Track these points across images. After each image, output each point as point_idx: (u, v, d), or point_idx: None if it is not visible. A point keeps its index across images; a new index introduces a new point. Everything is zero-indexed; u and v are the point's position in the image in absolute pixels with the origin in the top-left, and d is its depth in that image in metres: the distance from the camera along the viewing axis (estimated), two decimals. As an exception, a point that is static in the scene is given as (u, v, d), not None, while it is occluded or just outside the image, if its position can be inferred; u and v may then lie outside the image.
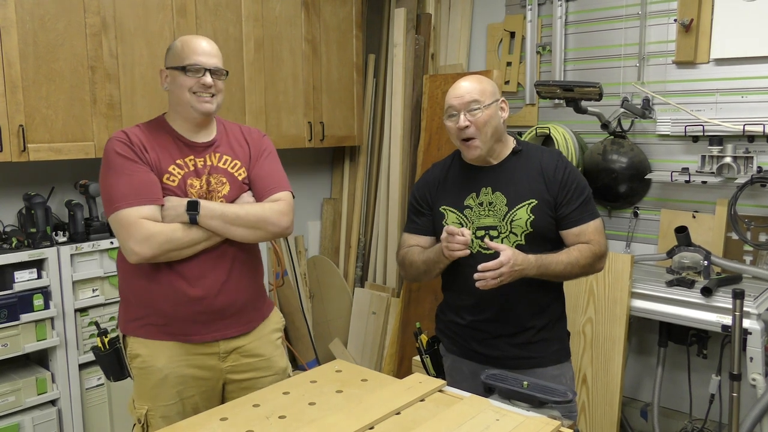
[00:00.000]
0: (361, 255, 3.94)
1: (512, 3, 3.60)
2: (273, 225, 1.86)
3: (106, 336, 1.93)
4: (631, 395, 3.30)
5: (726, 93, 2.91)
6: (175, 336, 1.83)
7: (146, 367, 1.83)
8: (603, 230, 1.93)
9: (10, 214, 2.69)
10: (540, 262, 1.81)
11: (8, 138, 2.34)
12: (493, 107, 1.89)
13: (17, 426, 2.42)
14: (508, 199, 1.89)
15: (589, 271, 1.92)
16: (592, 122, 3.16)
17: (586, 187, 1.93)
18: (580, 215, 1.89)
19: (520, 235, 1.87)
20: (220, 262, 1.84)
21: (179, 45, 1.85)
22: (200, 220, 1.77)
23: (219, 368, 1.88)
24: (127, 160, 1.77)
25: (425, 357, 2.09)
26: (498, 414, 1.45)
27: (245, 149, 1.96)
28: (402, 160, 3.74)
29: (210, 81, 1.82)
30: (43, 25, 2.41)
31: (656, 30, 3.10)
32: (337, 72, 3.61)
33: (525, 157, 1.95)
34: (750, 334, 2.40)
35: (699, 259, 2.74)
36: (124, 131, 1.85)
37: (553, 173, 1.90)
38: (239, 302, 1.89)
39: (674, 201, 3.12)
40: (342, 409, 1.48)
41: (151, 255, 1.73)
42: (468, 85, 1.90)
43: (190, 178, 1.83)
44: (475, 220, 1.91)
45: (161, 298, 1.81)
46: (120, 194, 1.74)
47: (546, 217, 1.88)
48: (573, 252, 1.86)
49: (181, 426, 1.48)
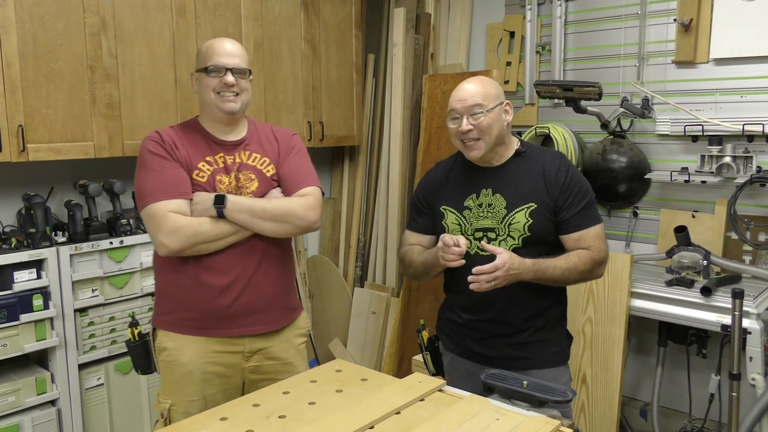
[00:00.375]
0: (361, 255, 3.94)
1: (512, 3, 3.60)
2: (300, 219, 1.88)
3: (136, 328, 1.97)
4: (630, 395, 3.30)
5: (725, 93, 2.91)
6: (202, 330, 1.86)
7: (172, 361, 1.87)
8: (604, 236, 1.91)
9: (9, 214, 2.68)
10: (537, 267, 1.80)
11: (8, 138, 2.33)
12: (496, 110, 1.88)
13: (17, 426, 2.41)
14: (507, 202, 1.88)
15: (588, 277, 1.90)
16: (592, 122, 3.16)
17: (589, 192, 1.91)
18: (581, 220, 1.87)
19: (517, 239, 1.86)
20: (248, 256, 1.87)
21: (204, 48, 1.91)
22: (227, 214, 1.80)
23: (242, 367, 1.90)
24: (158, 157, 1.83)
25: (425, 354, 2.11)
26: (498, 413, 1.45)
27: (275, 147, 2.00)
28: (401, 160, 3.74)
29: (231, 80, 1.86)
30: (43, 25, 2.41)
31: (656, 30, 3.10)
32: (336, 72, 3.61)
33: (527, 159, 1.94)
34: (749, 334, 2.40)
35: (698, 258, 2.74)
36: (158, 131, 1.91)
37: (554, 176, 1.88)
38: (267, 298, 1.91)
39: (674, 201, 3.12)
40: (342, 409, 1.48)
41: (179, 247, 1.77)
42: (471, 87, 1.88)
43: (219, 174, 1.88)
44: (474, 222, 1.91)
45: (189, 291, 1.85)
46: (150, 189, 1.80)
47: (545, 221, 1.86)
48: (572, 257, 1.85)
49: (182, 425, 1.48)
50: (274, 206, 1.86)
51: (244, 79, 1.90)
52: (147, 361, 1.97)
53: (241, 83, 1.89)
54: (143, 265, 2.75)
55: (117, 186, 2.73)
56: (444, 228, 1.96)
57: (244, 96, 1.91)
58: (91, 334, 2.62)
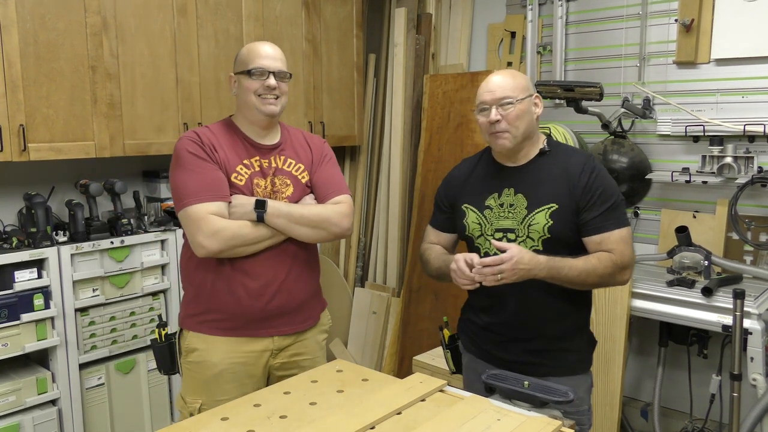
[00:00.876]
0: (362, 255, 3.94)
1: (513, 3, 3.60)
2: (335, 226, 1.93)
3: (164, 329, 2.00)
4: (631, 395, 3.30)
5: (727, 93, 2.91)
6: (233, 331, 1.89)
7: (202, 362, 1.90)
8: (629, 240, 1.83)
9: (10, 213, 2.69)
10: (551, 264, 1.74)
11: (9, 137, 2.34)
12: (526, 102, 1.84)
13: (17, 426, 2.41)
14: (528, 202, 1.84)
15: (609, 281, 1.83)
16: (593, 122, 3.16)
17: (614, 194, 1.83)
18: (603, 222, 1.79)
19: (537, 240, 1.81)
20: (281, 260, 1.90)
21: (245, 51, 1.93)
22: (267, 219, 1.84)
23: (269, 365, 1.95)
24: (198, 158, 1.84)
25: (446, 351, 2.10)
26: (499, 414, 1.45)
27: (308, 153, 2.03)
28: (402, 160, 3.74)
29: (274, 83, 1.89)
30: (44, 24, 2.41)
31: (657, 30, 3.10)
32: (337, 72, 3.61)
33: (552, 158, 1.89)
34: (750, 334, 2.40)
35: (699, 259, 2.74)
36: (195, 131, 1.91)
37: (578, 177, 1.82)
38: (297, 300, 1.95)
39: (675, 201, 3.12)
40: (343, 409, 1.48)
41: (218, 249, 1.80)
42: (500, 79, 1.84)
43: (256, 178, 1.91)
44: (494, 222, 1.87)
45: (222, 293, 1.87)
46: (190, 191, 1.81)
47: (566, 222, 1.80)
48: (591, 259, 1.78)
49: (183, 425, 1.47)
50: (311, 212, 1.91)
51: (284, 83, 1.93)
52: (171, 362, 2.00)
53: (282, 87, 1.92)
54: (144, 265, 2.75)
55: (118, 186, 2.73)
56: (465, 227, 1.92)
57: (284, 99, 1.94)
58: (92, 333, 2.62)
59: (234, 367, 1.89)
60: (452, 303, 3.30)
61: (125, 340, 2.73)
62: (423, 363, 2.80)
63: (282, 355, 1.96)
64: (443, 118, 3.47)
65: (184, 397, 1.95)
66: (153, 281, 2.80)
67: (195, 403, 1.90)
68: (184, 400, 1.95)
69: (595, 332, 2.81)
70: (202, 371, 1.90)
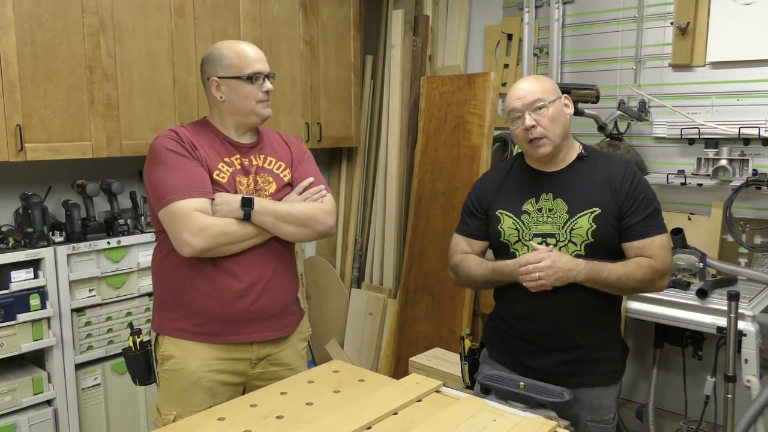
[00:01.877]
0: (358, 256, 3.95)
1: (509, 5, 3.62)
2: (321, 224, 1.91)
3: (138, 336, 1.92)
4: (626, 396, 3.31)
5: (722, 96, 2.93)
6: (213, 336, 1.83)
7: (178, 370, 1.83)
8: (669, 246, 1.83)
9: (6, 213, 2.68)
10: (591, 266, 1.73)
11: (5, 137, 2.33)
12: (557, 103, 1.82)
13: (13, 426, 2.41)
14: (569, 207, 1.81)
15: (648, 287, 1.82)
16: (589, 124, 3.17)
17: (654, 200, 1.83)
18: (645, 228, 1.79)
19: (579, 245, 1.79)
20: (266, 259, 1.87)
21: (233, 55, 1.86)
22: (254, 216, 1.80)
23: (248, 374, 1.90)
24: (178, 155, 1.79)
25: (463, 363, 2.03)
26: (495, 414, 1.46)
27: (287, 152, 2.01)
28: (399, 162, 3.74)
29: (271, 86, 1.90)
30: (41, 24, 2.41)
31: (653, 33, 3.11)
32: (334, 73, 3.62)
33: (591, 163, 1.87)
34: (745, 336, 2.41)
35: (694, 261, 2.75)
36: (173, 129, 1.87)
37: (620, 182, 1.81)
38: (281, 302, 1.92)
39: (670, 203, 3.13)
40: (339, 410, 1.49)
41: (204, 247, 1.74)
42: (527, 85, 1.83)
43: (238, 176, 1.87)
44: (533, 227, 1.84)
45: (203, 295, 1.81)
46: (171, 187, 1.75)
47: (609, 227, 1.79)
48: (630, 264, 1.77)
49: (179, 426, 1.48)
50: (298, 210, 1.88)
51: (272, 84, 1.93)
52: (147, 373, 1.93)
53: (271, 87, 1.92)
54: (140, 266, 2.75)
55: (115, 186, 2.73)
56: (500, 233, 1.88)
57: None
58: (88, 334, 2.62)
59: (211, 375, 1.83)
60: (449, 304, 3.31)
61: (121, 341, 2.72)
62: (419, 364, 2.81)
63: (261, 365, 1.91)
64: (440, 119, 3.48)
65: (159, 409, 1.88)
66: (149, 282, 2.79)
67: (169, 415, 1.83)
68: (159, 411, 1.88)
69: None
70: (178, 380, 1.83)
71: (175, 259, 1.80)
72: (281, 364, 1.94)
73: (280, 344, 1.94)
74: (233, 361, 1.86)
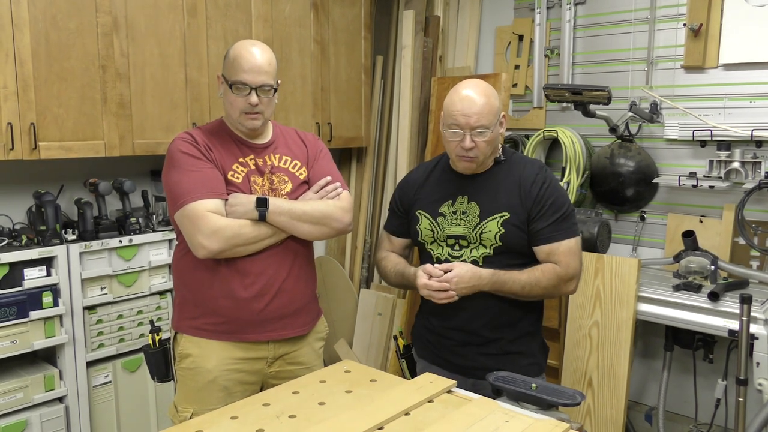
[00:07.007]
0: (367, 256, 3.95)
1: (521, 6, 3.61)
2: (337, 221, 1.90)
3: (158, 334, 1.94)
4: (636, 399, 3.30)
5: (734, 98, 2.92)
6: (231, 335, 1.84)
7: (195, 368, 1.84)
8: (577, 251, 1.87)
9: (20, 211, 2.70)
10: (495, 279, 1.81)
11: (20, 136, 2.35)
12: (497, 127, 1.85)
13: (25, 423, 2.43)
14: (481, 210, 1.88)
15: (554, 293, 1.88)
16: (600, 126, 3.16)
17: (565, 204, 1.87)
18: (552, 233, 1.84)
19: (489, 248, 1.86)
20: (282, 259, 1.86)
21: (233, 55, 1.83)
22: (269, 217, 1.79)
23: (263, 372, 1.91)
24: (192, 157, 1.80)
25: (401, 361, 2.12)
26: (507, 416, 1.45)
27: (303, 150, 2.00)
28: (409, 162, 3.74)
29: (255, 100, 1.81)
30: (55, 24, 2.42)
31: (665, 34, 3.10)
32: (345, 73, 3.62)
33: (507, 167, 1.92)
34: (757, 339, 2.40)
35: (706, 263, 2.74)
36: (188, 132, 1.88)
37: (529, 187, 1.86)
38: (297, 302, 1.91)
39: (681, 205, 3.12)
40: (351, 409, 1.49)
41: (218, 249, 1.74)
42: (478, 105, 1.80)
43: (252, 176, 1.87)
44: (446, 228, 1.90)
45: (221, 294, 1.82)
46: (185, 189, 1.76)
47: (517, 231, 1.84)
48: (535, 272, 1.83)
49: (192, 424, 1.48)
50: (313, 209, 1.86)
51: (267, 96, 1.84)
52: (165, 370, 1.94)
53: (264, 100, 1.83)
54: (152, 264, 2.76)
55: (127, 185, 2.74)
56: (417, 233, 1.97)
57: (268, 111, 1.88)
58: (100, 331, 2.64)
59: (228, 374, 1.84)
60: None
61: (132, 339, 2.74)
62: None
63: (278, 364, 1.91)
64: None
65: (177, 406, 1.89)
66: (160, 280, 2.82)
67: (186, 412, 1.84)
68: (176, 408, 1.89)
69: (601, 336, 2.84)
70: (195, 378, 1.84)
71: (193, 259, 1.81)
72: (298, 363, 1.94)
73: (297, 343, 1.94)
74: (250, 360, 1.87)
